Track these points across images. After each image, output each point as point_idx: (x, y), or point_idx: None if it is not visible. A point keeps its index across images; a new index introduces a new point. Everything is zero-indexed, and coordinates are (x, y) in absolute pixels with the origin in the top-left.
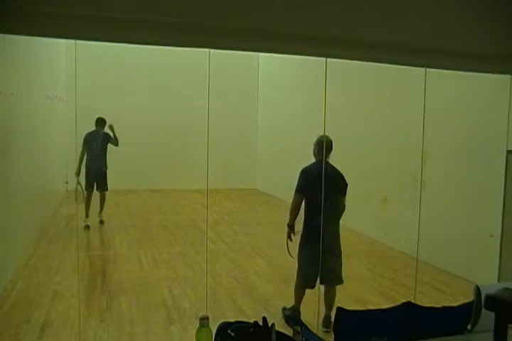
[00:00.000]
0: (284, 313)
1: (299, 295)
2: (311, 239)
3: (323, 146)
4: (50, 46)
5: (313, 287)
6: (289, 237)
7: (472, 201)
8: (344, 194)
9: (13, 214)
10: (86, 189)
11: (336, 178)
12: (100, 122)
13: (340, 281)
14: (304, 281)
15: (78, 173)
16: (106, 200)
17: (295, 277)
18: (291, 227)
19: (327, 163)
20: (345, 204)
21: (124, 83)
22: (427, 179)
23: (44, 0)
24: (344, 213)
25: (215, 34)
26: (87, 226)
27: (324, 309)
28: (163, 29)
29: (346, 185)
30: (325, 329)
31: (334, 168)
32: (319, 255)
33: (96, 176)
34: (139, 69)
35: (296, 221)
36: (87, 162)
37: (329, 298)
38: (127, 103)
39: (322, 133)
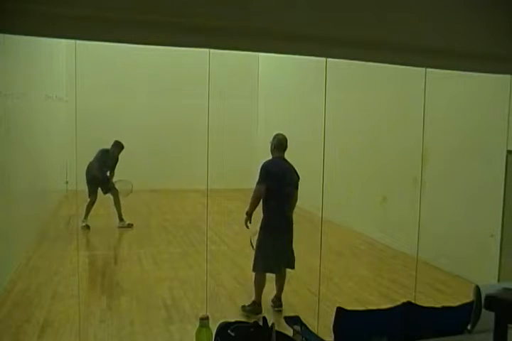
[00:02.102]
0: (244, 310)
1: (260, 286)
2: (270, 228)
3: (280, 144)
4: (50, 46)
5: (277, 271)
6: (246, 225)
7: (472, 201)
8: (297, 188)
9: (13, 214)
10: (89, 196)
11: (291, 173)
12: (114, 145)
13: (293, 265)
14: (265, 268)
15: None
16: (119, 202)
17: (252, 268)
18: (249, 215)
19: (283, 159)
20: (297, 196)
21: (124, 83)
22: (427, 179)
23: (44, 0)
24: (344, 213)
25: (215, 34)
26: (87, 226)
27: (275, 291)
28: (163, 29)
29: (299, 178)
30: (277, 309)
31: (289, 163)
32: (279, 243)
33: (97, 183)
34: (139, 69)
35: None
36: (91, 171)
37: (280, 281)
38: (127, 103)
39: (278, 132)
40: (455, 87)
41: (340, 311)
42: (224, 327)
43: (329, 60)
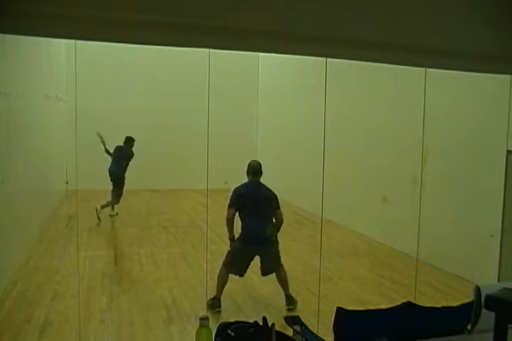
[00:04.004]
0: (207, 303)
1: (222, 283)
2: (244, 242)
3: (252, 169)
4: (50, 46)
5: (242, 275)
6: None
7: (472, 201)
8: (277, 207)
9: (13, 214)
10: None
11: (263, 194)
12: (127, 141)
13: (278, 269)
14: (231, 270)
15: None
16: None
17: (220, 266)
18: (231, 240)
19: (256, 182)
20: (281, 215)
21: (124, 83)
22: (427, 179)
23: (44, 0)
24: (344, 213)
25: (215, 34)
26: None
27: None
28: (163, 29)
29: (275, 198)
30: (287, 307)
31: (263, 185)
32: (249, 255)
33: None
34: (139, 69)
35: None
36: (111, 167)
37: (281, 280)
38: (127, 103)
39: (253, 159)
40: (455, 87)
41: (340, 311)
42: (224, 327)
43: (329, 59)
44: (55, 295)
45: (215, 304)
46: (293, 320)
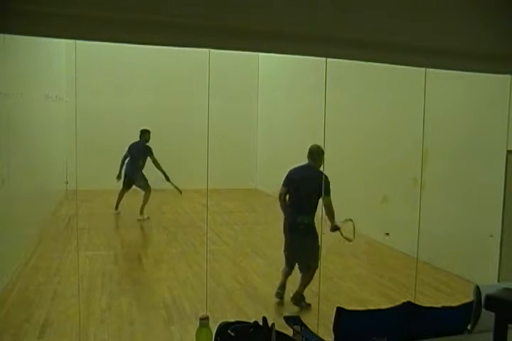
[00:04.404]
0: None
1: (283, 274)
2: (284, 228)
3: (309, 153)
4: (50, 46)
5: (292, 266)
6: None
7: (472, 201)
8: (320, 195)
9: (13, 215)
10: (122, 188)
11: (310, 181)
12: (141, 134)
13: (310, 268)
14: (286, 260)
15: (118, 177)
16: (149, 199)
17: None
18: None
19: (309, 166)
20: (330, 202)
21: (124, 83)
22: (427, 179)
23: (44, 0)
24: (345, 213)
25: (215, 34)
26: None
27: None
28: (163, 29)
29: (323, 186)
30: (294, 302)
31: (314, 171)
32: (291, 242)
33: (134, 179)
34: (139, 69)
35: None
36: (126, 168)
37: (305, 276)
38: (127, 103)
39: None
40: (455, 87)
41: (340, 311)
42: (224, 327)
43: (329, 59)
44: (55, 294)
45: (299, 299)
46: (293, 320)
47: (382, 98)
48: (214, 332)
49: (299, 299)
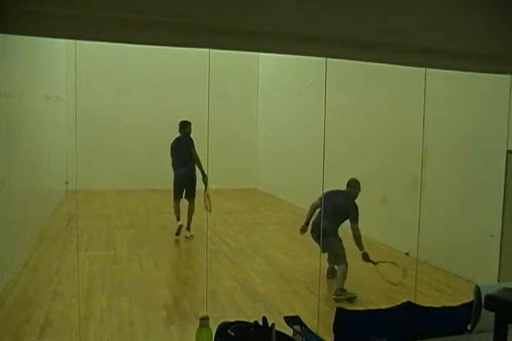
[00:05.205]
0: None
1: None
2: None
3: (348, 183)
4: (49, 46)
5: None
6: (301, 231)
7: (472, 201)
8: (345, 219)
9: (13, 215)
10: (174, 198)
11: (338, 206)
12: (182, 126)
13: (339, 262)
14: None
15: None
16: (194, 213)
17: None
18: (306, 224)
19: (342, 192)
20: (356, 230)
21: (124, 83)
22: (427, 179)
23: (44, 0)
24: None
25: (215, 34)
26: (188, 237)
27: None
28: (163, 29)
29: (352, 213)
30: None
31: (345, 197)
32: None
33: (184, 184)
34: (139, 69)
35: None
36: (173, 170)
37: (337, 278)
38: (127, 103)
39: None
40: (455, 87)
41: (340, 311)
42: (224, 327)
43: (329, 59)
44: (55, 295)
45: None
46: (293, 320)
47: (382, 98)
48: (214, 332)
49: (340, 294)
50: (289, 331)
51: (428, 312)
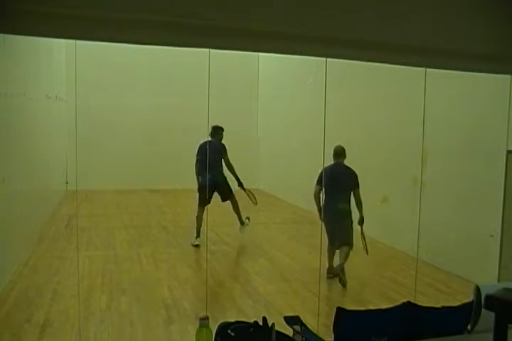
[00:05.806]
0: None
1: (329, 257)
2: (325, 214)
3: (335, 153)
4: (50, 46)
5: (334, 245)
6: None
7: (472, 201)
8: (350, 189)
9: (13, 215)
10: (199, 204)
11: (343, 176)
12: (213, 131)
13: (348, 243)
14: (329, 241)
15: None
16: (239, 208)
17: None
18: (319, 211)
19: (339, 164)
20: (358, 194)
21: (124, 83)
22: (427, 179)
23: (44, 0)
24: None
25: (215, 34)
26: (197, 246)
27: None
28: (163, 29)
29: (354, 181)
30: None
31: (346, 168)
32: (331, 226)
33: (213, 189)
34: (139, 69)
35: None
36: (198, 175)
37: (343, 253)
38: (127, 103)
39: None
40: (455, 87)
41: (340, 311)
42: (224, 327)
43: (329, 59)
44: (55, 295)
45: (329, 271)
46: (293, 320)
47: (383, 98)
48: (214, 332)
49: (340, 270)
50: (289, 331)
51: (428, 312)
